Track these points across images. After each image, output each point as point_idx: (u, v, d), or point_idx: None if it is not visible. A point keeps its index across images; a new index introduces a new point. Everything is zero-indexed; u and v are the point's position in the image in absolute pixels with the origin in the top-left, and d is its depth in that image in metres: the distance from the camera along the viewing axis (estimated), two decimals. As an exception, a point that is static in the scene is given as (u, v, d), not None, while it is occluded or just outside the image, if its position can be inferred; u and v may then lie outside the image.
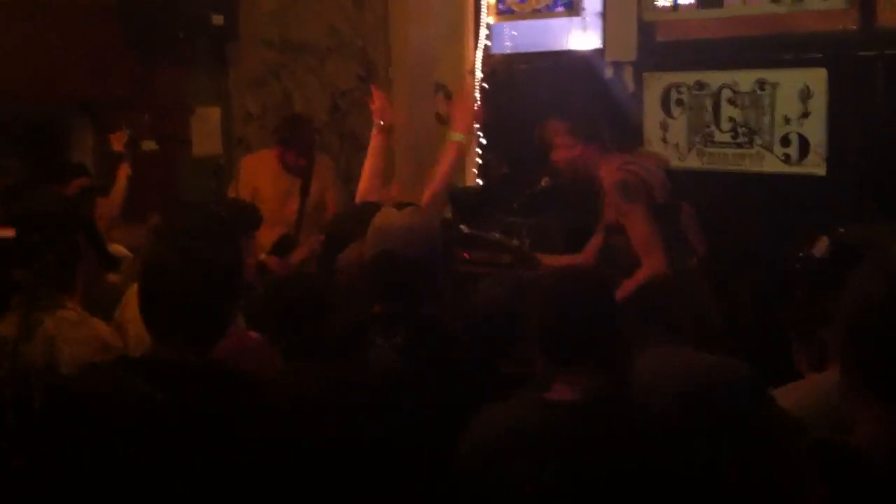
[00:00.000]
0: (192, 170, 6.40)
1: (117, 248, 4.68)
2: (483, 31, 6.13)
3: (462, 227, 5.04)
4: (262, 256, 5.05)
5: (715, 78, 5.30)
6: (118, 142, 5.72)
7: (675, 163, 5.39)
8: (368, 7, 6.66)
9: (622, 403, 2.29)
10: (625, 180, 4.30)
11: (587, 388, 2.28)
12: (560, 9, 5.90)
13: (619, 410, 2.27)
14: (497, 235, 5.09)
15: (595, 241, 4.59)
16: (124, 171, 5.62)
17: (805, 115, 4.95)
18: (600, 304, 2.38)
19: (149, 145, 5.93)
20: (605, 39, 5.69)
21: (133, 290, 2.91)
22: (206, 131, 6.50)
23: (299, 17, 6.61)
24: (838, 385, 1.66)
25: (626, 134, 5.60)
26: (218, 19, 6.19)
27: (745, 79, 5.20)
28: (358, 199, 4.33)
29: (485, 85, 6.09)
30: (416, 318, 2.75)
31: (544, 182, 5.12)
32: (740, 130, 5.21)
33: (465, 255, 5.08)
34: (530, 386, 2.42)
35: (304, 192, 5.59)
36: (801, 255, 3.98)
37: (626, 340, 2.42)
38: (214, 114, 6.54)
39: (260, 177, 5.53)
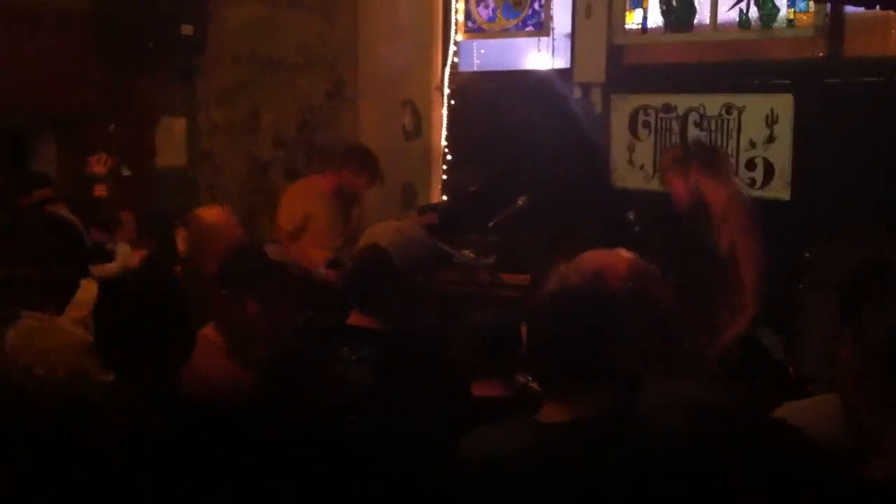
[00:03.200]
0: (156, 181, 6.32)
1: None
2: (452, 49, 6.13)
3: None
4: (323, 270, 5.09)
5: (682, 101, 5.33)
6: (99, 164, 5.60)
7: (641, 184, 5.40)
8: (338, 23, 6.65)
9: (617, 426, 2.23)
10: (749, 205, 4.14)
11: (580, 410, 2.22)
12: (529, 28, 5.92)
13: (613, 433, 2.21)
14: (467, 253, 5.07)
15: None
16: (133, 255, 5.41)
17: (771, 139, 4.98)
18: (596, 325, 2.28)
19: (125, 170, 5.86)
20: (573, 60, 5.71)
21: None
22: (170, 142, 6.43)
23: (269, 33, 6.58)
24: (851, 410, 1.65)
25: (593, 155, 5.62)
26: (188, 29, 6.13)
27: (712, 103, 5.23)
28: None
29: (452, 102, 6.08)
30: (387, 333, 2.68)
31: (521, 201, 5.12)
32: (707, 154, 5.22)
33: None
34: (519, 408, 2.39)
35: (347, 216, 5.58)
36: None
37: (630, 361, 2.34)
38: (179, 124, 6.47)
39: (312, 202, 5.48)
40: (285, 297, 2.92)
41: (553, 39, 5.84)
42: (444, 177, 6.14)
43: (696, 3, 5.42)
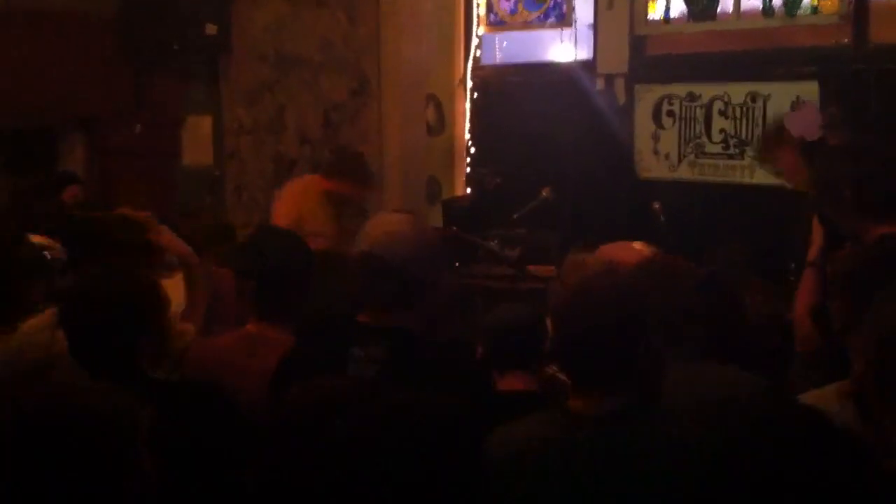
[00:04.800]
0: (183, 180, 6.38)
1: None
2: (474, 43, 6.14)
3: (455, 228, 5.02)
4: None
5: (706, 90, 5.30)
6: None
7: (666, 173, 5.38)
8: (361, 21, 6.67)
9: (645, 420, 2.22)
10: None
11: (610, 402, 2.21)
12: (551, 20, 5.91)
13: (643, 424, 2.20)
14: (493, 244, 5.06)
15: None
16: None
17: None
18: (628, 319, 2.28)
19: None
20: (596, 52, 5.70)
21: None
22: (196, 141, 6.48)
23: (293, 31, 6.62)
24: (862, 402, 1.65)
25: (617, 145, 5.60)
26: (212, 29, 6.18)
27: (736, 91, 5.20)
28: None
29: (475, 96, 6.08)
30: (400, 331, 2.66)
31: (545, 193, 5.10)
32: (731, 142, 5.20)
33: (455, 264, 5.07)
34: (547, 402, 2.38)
35: (339, 221, 5.49)
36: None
37: (658, 357, 2.33)
38: (206, 123, 6.53)
39: (305, 205, 5.46)
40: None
41: (575, 31, 5.82)
42: (468, 170, 6.14)
43: (720, -8, 5.40)
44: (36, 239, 3.55)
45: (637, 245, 4.50)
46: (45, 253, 3.27)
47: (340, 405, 2.36)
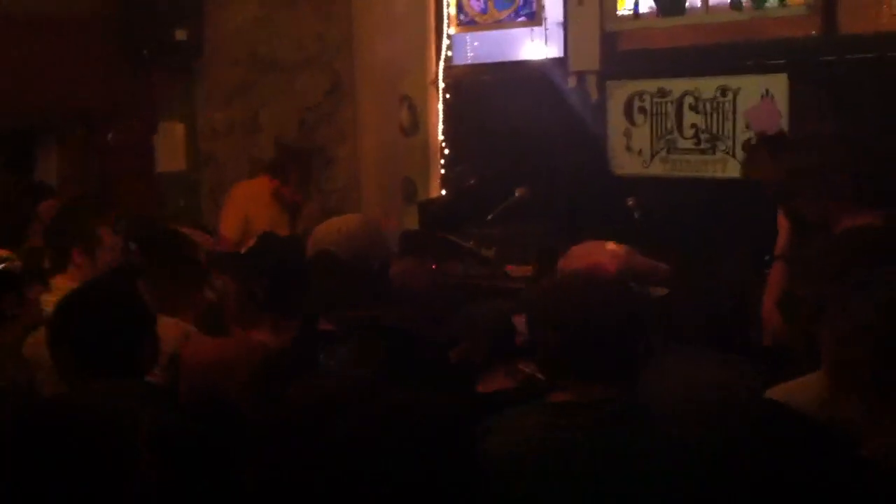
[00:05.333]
0: (156, 186, 6.37)
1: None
2: (445, 43, 6.14)
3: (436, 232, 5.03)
4: None
5: (677, 85, 5.32)
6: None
7: (639, 170, 5.40)
8: (334, 21, 6.66)
9: (643, 420, 2.24)
10: None
11: (587, 396, 2.24)
12: (522, 19, 5.92)
13: (620, 416, 2.23)
14: (471, 244, 5.08)
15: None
16: None
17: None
18: (620, 315, 2.31)
19: None
20: (567, 49, 5.70)
21: None
22: (170, 147, 6.46)
23: (266, 33, 6.60)
24: (832, 393, 1.67)
25: (591, 142, 5.62)
26: (181, 34, 6.15)
27: (706, 86, 5.22)
28: None
29: (448, 96, 6.08)
30: (359, 332, 2.66)
31: (518, 193, 5.12)
32: (703, 137, 5.22)
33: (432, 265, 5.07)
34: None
35: (293, 225, 5.41)
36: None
37: (641, 351, 2.36)
38: (179, 129, 6.50)
39: (252, 205, 5.40)
40: None
41: (546, 29, 5.82)
42: (443, 171, 6.15)
43: (688, -14, 5.41)
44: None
45: (610, 245, 4.53)
46: (4, 265, 3.28)
47: (339, 405, 2.39)
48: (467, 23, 6.12)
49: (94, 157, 6.23)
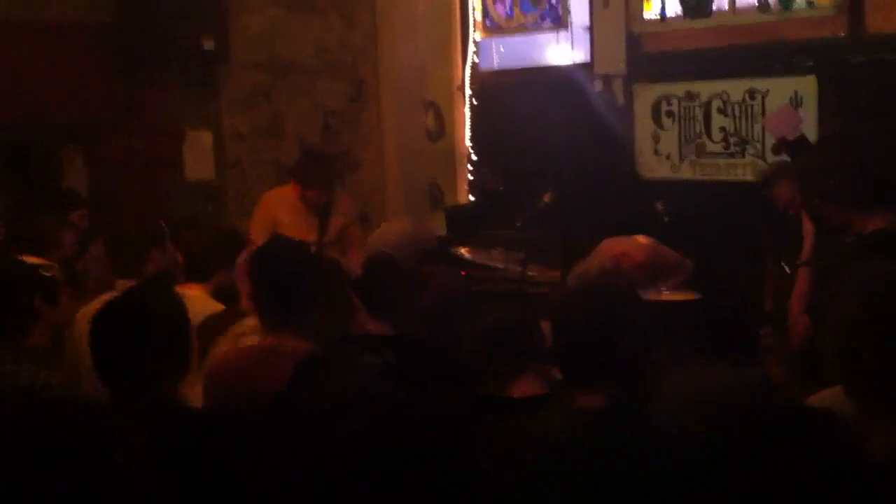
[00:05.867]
0: (184, 193, 6.39)
1: None
2: (471, 48, 6.14)
3: (462, 250, 5.02)
4: None
5: (705, 88, 5.31)
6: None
7: (668, 173, 5.39)
8: (357, 26, 6.67)
9: (643, 418, 2.26)
10: None
11: (603, 400, 2.26)
12: (547, 24, 5.91)
13: (633, 421, 2.24)
14: (498, 255, 5.07)
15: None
16: None
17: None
18: (620, 321, 2.33)
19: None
20: (593, 53, 5.70)
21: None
22: (198, 155, 6.48)
23: (288, 38, 6.62)
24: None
25: (618, 146, 5.61)
26: (209, 43, 6.17)
27: (735, 88, 5.20)
28: None
29: (474, 101, 6.09)
30: (406, 337, 2.68)
31: (547, 198, 5.12)
32: (732, 140, 5.21)
33: (462, 272, 5.08)
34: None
35: (322, 228, 5.43)
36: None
37: (649, 358, 2.38)
38: (206, 137, 6.53)
39: (280, 211, 5.43)
40: None
41: (572, 33, 5.82)
42: (470, 176, 6.15)
43: (714, -12, 5.40)
44: (31, 259, 3.75)
45: (640, 238, 4.56)
46: (42, 271, 3.46)
47: (343, 406, 2.41)
48: (493, 28, 6.13)
49: (121, 165, 6.25)
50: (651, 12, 5.60)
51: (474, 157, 6.14)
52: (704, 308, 4.29)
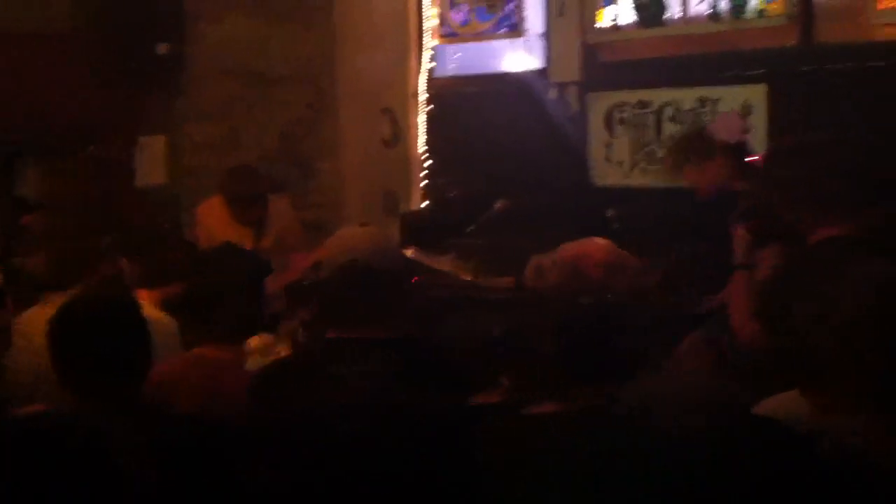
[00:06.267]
0: (139, 201, 6.34)
1: None
2: (427, 55, 6.15)
3: (408, 251, 5.01)
4: None
5: (657, 96, 5.34)
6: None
7: (620, 180, 5.41)
8: (315, 35, 6.66)
9: (605, 420, 2.26)
10: None
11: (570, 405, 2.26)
12: (503, 31, 5.94)
13: (602, 426, 2.24)
14: (450, 262, 5.08)
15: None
16: None
17: (746, 130, 4.97)
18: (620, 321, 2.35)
19: None
20: (548, 60, 5.72)
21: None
22: (150, 161, 6.44)
23: (247, 46, 6.60)
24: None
25: (571, 153, 5.63)
26: (163, 48, 6.14)
27: (686, 96, 5.24)
28: None
29: (430, 108, 6.09)
30: (384, 344, 2.63)
31: (498, 205, 5.13)
32: (683, 148, 5.23)
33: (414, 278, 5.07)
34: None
35: (258, 238, 5.26)
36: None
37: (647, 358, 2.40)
38: (159, 143, 6.49)
39: (213, 223, 5.31)
40: None
41: (527, 40, 5.85)
42: (425, 182, 6.15)
43: (667, -2, 5.44)
44: None
45: (598, 239, 4.59)
46: None
47: (341, 406, 2.39)
48: (449, 35, 6.14)
49: (77, 172, 6.20)
50: (605, 21, 5.64)
51: (430, 164, 6.14)
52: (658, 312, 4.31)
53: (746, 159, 4.04)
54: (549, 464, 2.19)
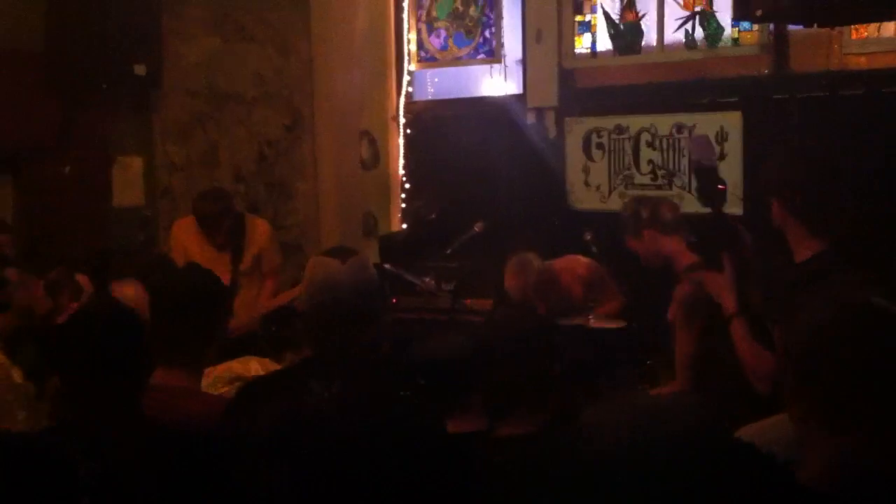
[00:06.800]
0: (114, 220, 6.30)
1: None
2: (406, 79, 6.18)
3: (387, 266, 5.03)
4: None
5: (634, 122, 5.41)
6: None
7: (597, 205, 5.46)
8: (293, 56, 6.68)
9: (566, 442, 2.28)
10: None
11: (531, 425, 2.28)
12: (481, 56, 5.99)
13: (567, 444, 2.26)
14: (428, 280, 5.10)
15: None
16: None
17: (721, 156, 5.05)
18: (531, 352, 2.36)
19: None
20: (526, 86, 5.78)
21: None
22: (127, 181, 6.41)
23: (224, 67, 6.60)
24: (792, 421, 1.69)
25: (549, 178, 5.68)
26: (140, 69, 6.11)
27: (663, 122, 5.31)
28: None
29: (408, 131, 6.13)
30: (352, 365, 2.66)
31: (477, 227, 5.15)
32: (659, 173, 5.31)
33: (393, 300, 5.08)
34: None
35: (234, 262, 5.25)
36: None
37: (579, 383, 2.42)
38: (136, 163, 6.46)
39: (188, 243, 5.29)
40: None
41: (505, 66, 5.91)
42: (403, 205, 6.17)
43: (644, 26, 5.52)
44: None
45: (580, 257, 4.68)
46: None
47: (328, 417, 2.39)
48: (427, 59, 6.18)
49: (50, 191, 6.15)
50: (582, 48, 5.71)
51: (408, 186, 6.17)
52: (633, 336, 4.35)
53: (718, 186, 4.08)
54: (521, 484, 2.22)
